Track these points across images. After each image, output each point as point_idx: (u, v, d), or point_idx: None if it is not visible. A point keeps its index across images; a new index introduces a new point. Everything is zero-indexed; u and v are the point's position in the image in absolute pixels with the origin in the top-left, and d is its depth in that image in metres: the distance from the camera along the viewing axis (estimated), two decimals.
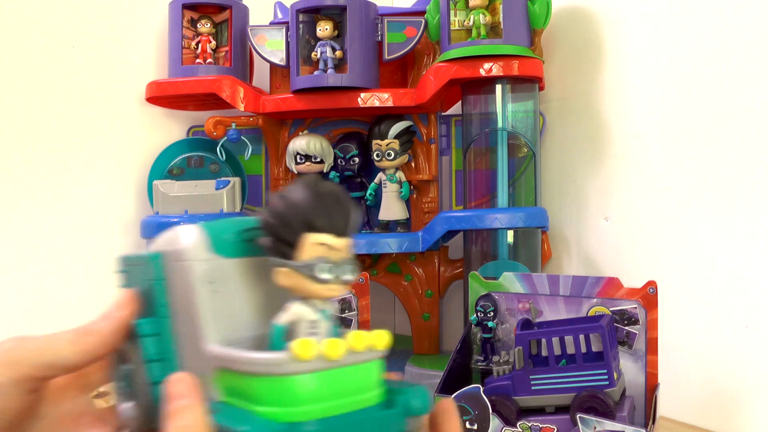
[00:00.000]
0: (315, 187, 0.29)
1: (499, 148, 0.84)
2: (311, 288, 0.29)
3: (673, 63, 0.76)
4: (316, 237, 0.29)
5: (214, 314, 0.31)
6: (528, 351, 0.62)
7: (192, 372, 0.30)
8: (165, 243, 0.32)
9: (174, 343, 0.32)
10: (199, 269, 0.31)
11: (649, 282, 0.63)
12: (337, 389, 0.29)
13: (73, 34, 0.94)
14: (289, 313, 0.30)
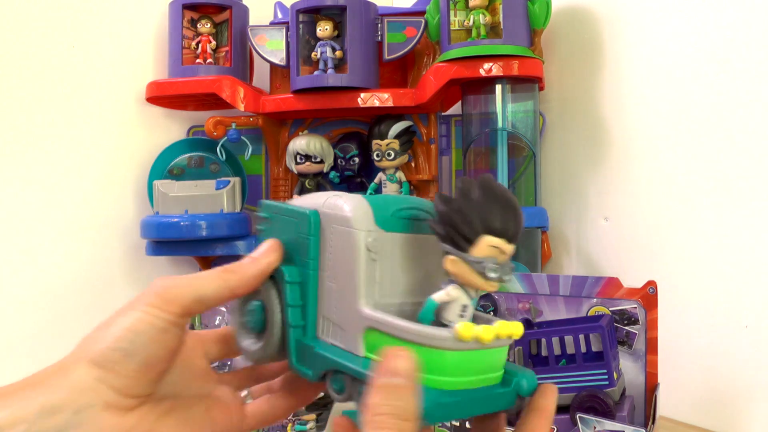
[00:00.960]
0: (497, 192, 0.33)
1: (499, 148, 0.84)
2: (475, 280, 0.33)
3: (672, 63, 0.76)
4: (492, 240, 0.33)
5: (370, 280, 0.35)
6: (528, 351, 0.62)
7: (336, 323, 0.35)
8: (327, 206, 0.36)
9: (315, 295, 0.37)
10: (363, 239, 0.35)
11: (649, 282, 0.63)
12: (476, 367, 0.33)
13: (73, 34, 0.94)
14: (446, 294, 0.34)
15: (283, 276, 0.37)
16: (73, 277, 0.92)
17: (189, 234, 0.86)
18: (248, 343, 0.39)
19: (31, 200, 0.89)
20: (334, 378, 0.35)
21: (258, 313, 0.39)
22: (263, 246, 0.38)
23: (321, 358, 0.36)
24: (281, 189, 0.97)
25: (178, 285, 0.35)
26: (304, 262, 0.37)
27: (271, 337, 0.38)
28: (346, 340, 0.35)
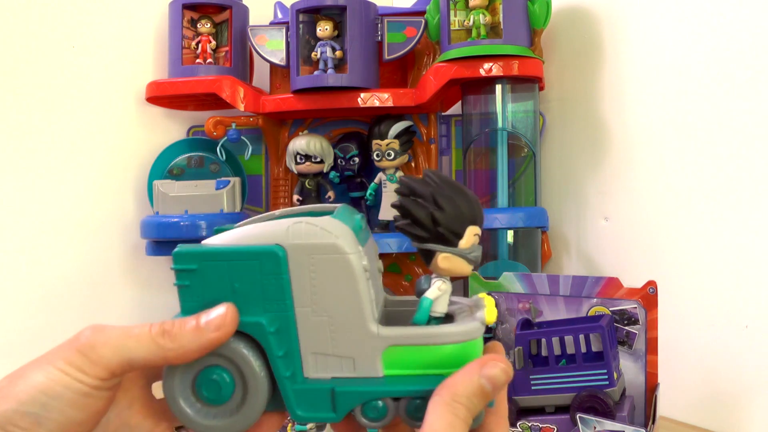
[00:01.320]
0: (456, 183, 0.35)
1: (499, 148, 0.84)
2: (466, 269, 0.35)
3: (673, 63, 0.76)
4: (475, 228, 0.35)
5: (370, 298, 0.34)
6: (528, 351, 0.62)
7: (337, 355, 0.34)
8: (295, 235, 0.33)
9: (297, 336, 0.34)
10: (357, 261, 0.33)
11: (649, 282, 0.63)
12: None
13: (73, 34, 0.94)
14: (438, 289, 0.35)
15: (263, 328, 0.33)
16: (73, 277, 0.92)
17: (189, 234, 0.86)
18: (205, 416, 0.34)
19: (30, 200, 0.89)
20: (367, 408, 0.34)
21: (224, 383, 0.34)
22: (215, 312, 0.32)
23: (346, 394, 0.34)
24: (281, 189, 0.97)
25: (106, 343, 0.31)
26: (276, 306, 0.33)
27: (254, 408, 0.34)
28: (360, 367, 0.34)
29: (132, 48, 0.98)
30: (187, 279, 0.34)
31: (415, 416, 0.33)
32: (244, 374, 0.34)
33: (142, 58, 0.99)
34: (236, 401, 0.34)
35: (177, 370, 0.34)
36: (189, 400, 0.34)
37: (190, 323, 0.32)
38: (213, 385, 0.34)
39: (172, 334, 0.32)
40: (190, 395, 0.34)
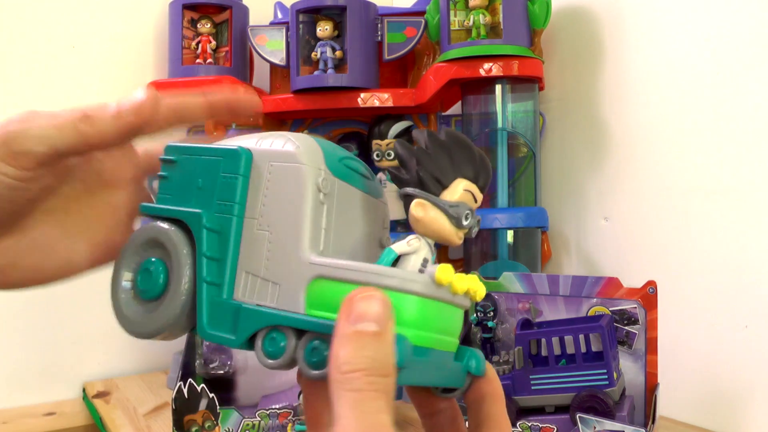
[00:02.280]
0: (467, 140, 0.31)
1: (499, 148, 0.84)
2: (445, 228, 0.30)
3: (673, 62, 0.76)
4: (468, 184, 0.30)
5: (316, 226, 0.30)
6: (528, 351, 0.62)
7: (267, 278, 0.30)
8: (263, 144, 0.32)
9: (238, 247, 0.31)
10: (312, 176, 0.30)
11: (648, 282, 0.63)
12: (441, 324, 0.30)
13: (73, 34, 0.94)
14: (407, 243, 0.30)
15: (200, 220, 0.31)
16: None
17: None
18: (134, 312, 0.33)
19: None
20: (269, 339, 0.29)
21: (157, 271, 0.32)
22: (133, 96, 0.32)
23: (251, 315, 0.30)
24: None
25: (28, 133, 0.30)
26: (225, 207, 0.31)
27: (174, 300, 0.31)
28: (283, 297, 0.29)
29: (132, 48, 0.98)
30: (167, 170, 0.34)
31: (311, 361, 0.28)
32: (172, 260, 0.32)
33: (142, 58, 0.99)
34: (162, 299, 0.32)
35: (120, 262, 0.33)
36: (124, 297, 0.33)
37: (111, 107, 0.32)
38: (146, 275, 0.33)
39: (92, 119, 0.31)
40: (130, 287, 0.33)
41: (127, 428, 0.77)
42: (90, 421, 0.90)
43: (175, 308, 0.31)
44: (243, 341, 0.30)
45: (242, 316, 0.30)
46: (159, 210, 0.33)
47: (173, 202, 0.33)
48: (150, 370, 0.99)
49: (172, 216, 0.32)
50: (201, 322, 0.31)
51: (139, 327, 0.32)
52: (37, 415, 0.89)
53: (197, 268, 0.31)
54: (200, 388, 0.64)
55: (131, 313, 0.33)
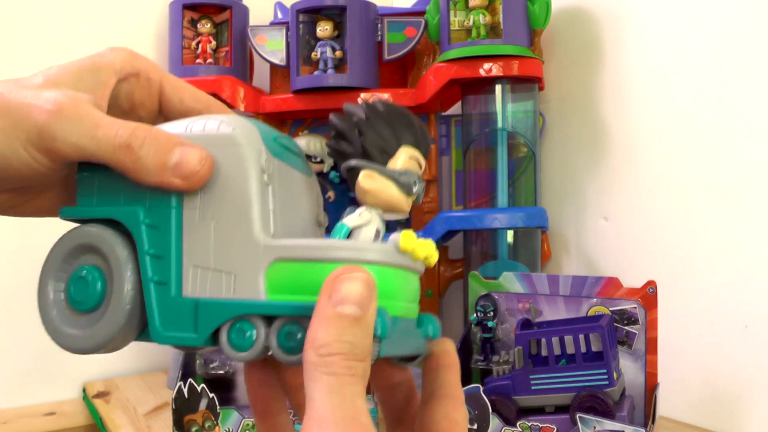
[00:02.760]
0: (401, 109, 0.31)
1: (499, 148, 0.84)
2: (395, 196, 0.29)
3: (673, 62, 0.76)
4: (412, 151, 0.30)
5: (265, 208, 0.29)
6: (528, 351, 0.62)
7: (219, 269, 0.28)
8: (194, 130, 0.30)
9: (180, 241, 0.29)
10: (254, 157, 0.29)
11: (648, 282, 0.63)
12: (406, 291, 0.29)
13: (73, 34, 0.94)
14: (358, 216, 0.29)
15: (137, 217, 0.29)
16: None
17: None
18: (71, 327, 0.30)
19: None
20: (235, 331, 0.28)
21: (93, 279, 0.30)
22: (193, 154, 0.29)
23: (213, 309, 0.28)
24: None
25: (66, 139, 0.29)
26: (161, 201, 0.29)
27: (117, 308, 0.29)
28: (240, 286, 0.28)
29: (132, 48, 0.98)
30: (86, 170, 0.31)
31: (287, 346, 0.27)
32: (112, 271, 0.29)
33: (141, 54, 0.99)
34: (102, 310, 0.30)
35: (47, 275, 0.31)
36: (58, 313, 0.31)
37: (158, 158, 0.29)
38: (81, 284, 0.30)
39: (134, 157, 0.29)
40: (62, 300, 0.31)
41: (127, 428, 0.77)
42: (90, 421, 0.90)
43: (119, 317, 0.29)
44: (206, 338, 0.28)
45: (202, 312, 0.28)
46: (86, 212, 0.31)
47: (99, 203, 0.31)
48: (150, 370, 0.99)
49: (104, 216, 0.30)
50: (153, 325, 0.29)
51: (79, 342, 0.30)
52: (37, 415, 0.89)
53: (141, 268, 0.29)
54: (200, 388, 0.64)
55: (68, 327, 0.30)
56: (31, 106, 0.29)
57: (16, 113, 0.29)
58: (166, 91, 0.35)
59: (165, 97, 0.35)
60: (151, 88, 0.35)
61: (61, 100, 0.29)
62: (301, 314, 0.26)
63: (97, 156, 0.29)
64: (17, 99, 0.30)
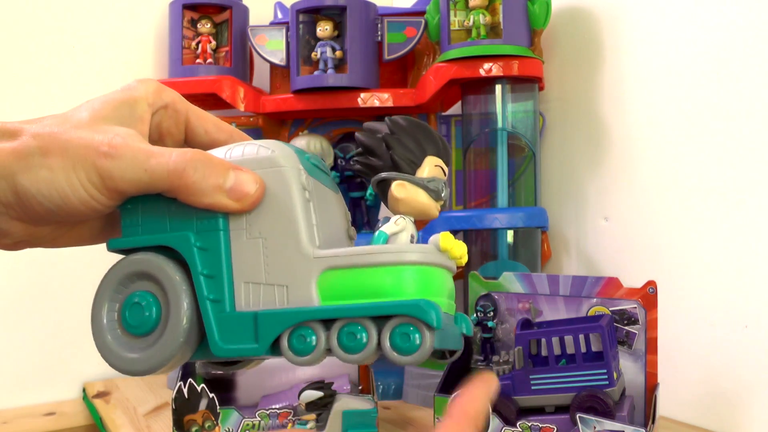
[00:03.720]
0: (418, 122, 0.33)
1: (499, 148, 0.84)
2: (425, 202, 0.32)
3: (673, 63, 0.76)
4: (436, 160, 0.33)
5: (310, 221, 0.31)
6: (528, 351, 0.62)
7: (271, 283, 0.30)
8: (233, 156, 0.32)
9: (230, 261, 0.31)
10: (295, 176, 0.31)
11: (648, 282, 0.63)
12: (445, 289, 0.32)
13: (73, 34, 0.94)
14: (395, 223, 0.32)
15: (189, 240, 0.31)
16: (74, 276, 0.92)
17: None
18: (128, 350, 0.32)
19: None
20: (296, 337, 0.30)
21: (148, 304, 0.31)
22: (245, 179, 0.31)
23: (272, 318, 0.30)
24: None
25: (123, 177, 0.31)
26: (208, 224, 0.31)
27: (175, 331, 0.31)
28: (293, 297, 0.30)
29: (132, 48, 0.98)
30: (129, 201, 0.33)
31: (348, 346, 0.29)
32: (167, 294, 0.31)
33: (142, 58, 0.99)
34: (159, 331, 0.31)
35: (105, 296, 0.33)
36: (114, 332, 0.32)
37: (214, 180, 0.31)
38: (137, 310, 0.32)
39: (189, 181, 0.31)
40: (116, 326, 0.32)
41: (127, 428, 0.77)
42: (90, 421, 0.90)
43: (177, 338, 0.31)
44: (267, 347, 0.30)
45: (262, 322, 0.30)
46: (135, 241, 0.33)
47: (145, 232, 0.32)
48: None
49: (156, 244, 0.32)
50: (213, 340, 0.31)
51: (138, 365, 0.31)
52: (37, 415, 0.89)
53: (196, 288, 0.31)
54: (200, 388, 0.64)
55: (124, 351, 0.32)
56: (88, 148, 0.31)
57: (74, 153, 0.31)
58: (192, 122, 0.37)
59: (190, 127, 0.37)
60: (178, 118, 0.37)
61: (116, 141, 0.31)
62: (359, 315, 0.29)
63: (152, 185, 0.31)
64: (74, 140, 0.31)
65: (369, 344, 0.29)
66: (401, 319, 0.29)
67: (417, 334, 0.29)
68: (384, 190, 0.32)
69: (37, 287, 0.90)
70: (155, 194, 0.32)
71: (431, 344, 0.29)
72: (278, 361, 0.34)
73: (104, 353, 0.32)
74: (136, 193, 0.32)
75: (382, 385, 0.84)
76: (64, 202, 0.31)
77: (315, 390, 0.65)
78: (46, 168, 0.31)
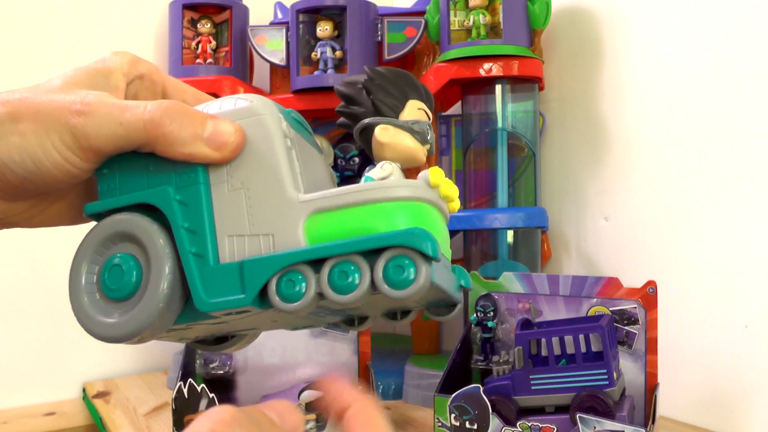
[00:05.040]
0: (399, 70, 0.33)
1: (499, 148, 0.84)
2: (411, 145, 0.31)
3: (673, 63, 0.76)
4: (419, 103, 0.32)
5: (294, 168, 0.30)
6: (528, 351, 0.62)
7: (256, 233, 0.29)
8: (212, 109, 0.31)
9: (212, 214, 0.30)
10: (275, 123, 0.30)
11: (648, 282, 0.63)
12: (441, 230, 0.30)
13: (73, 34, 0.94)
14: (381, 168, 0.31)
15: (167, 195, 0.30)
16: None
17: None
18: (105, 314, 0.30)
19: None
20: (284, 283, 0.28)
21: (129, 267, 0.30)
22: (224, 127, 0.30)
23: (258, 264, 0.28)
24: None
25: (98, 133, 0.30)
26: (188, 178, 0.30)
27: (154, 295, 0.29)
28: (279, 244, 0.29)
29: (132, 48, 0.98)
30: (105, 165, 0.32)
31: (341, 285, 0.27)
32: (149, 257, 0.30)
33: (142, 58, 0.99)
34: (138, 296, 0.30)
35: (85, 257, 0.31)
36: (92, 295, 0.31)
37: (192, 129, 0.30)
38: (117, 273, 0.30)
39: (166, 130, 0.30)
40: (95, 289, 0.31)
41: (127, 428, 0.77)
42: (90, 421, 0.90)
43: (156, 304, 0.29)
44: (254, 296, 0.28)
45: (248, 270, 0.28)
46: (112, 203, 0.32)
47: (123, 193, 0.31)
48: (150, 370, 0.99)
49: (133, 202, 0.31)
50: (198, 295, 0.29)
51: (113, 330, 0.30)
52: (37, 415, 0.89)
53: (177, 242, 0.29)
54: (200, 388, 0.64)
55: (101, 315, 0.30)
56: (60, 109, 0.30)
57: (45, 117, 0.30)
58: (169, 93, 0.36)
59: (167, 98, 0.36)
60: (155, 89, 0.36)
61: (88, 98, 0.30)
62: (350, 251, 0.27)
63: (128, 140, 0.30)
64: (45, 102, 0.30)
65: (362, 282, 0.27)
66: (394, 251, 0.27)
67: (412, 267, 0.27)
68: (368, 139, 0.32)
69: (37, 287, 0.90)
70: (132, 155, 0.31)
71: (427, 276, 0.27)
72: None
73: (80, 317, 0.31)
74: (112, 151, 0.31)
75: (382, 385, 0.84)
76: (37, 168, 0.30)
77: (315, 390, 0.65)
78: (17, 134, 0.30)
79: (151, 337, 0.30)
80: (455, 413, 0.62)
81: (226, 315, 0.30)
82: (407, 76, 0.33)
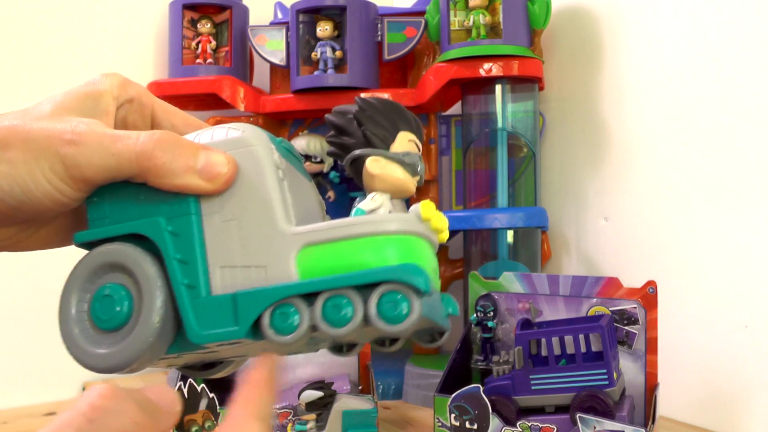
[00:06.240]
0: (389, 101, 0.33)
1: (499, 148, 0.84)
2: (402, 177, 0.31)
3: (672, 63, 0.76)
4: (409, 135, 0.32)
5: (285, 200, 0.30)
6: (528, 351, 0.62)
7: (248, 265, 0.29)
8: (202, 138, 0.31)
9: (203, 245, 0.30)
10: (267, 155, 0.30)
11: (648, 282, 0.63)
12: (430, 262, 0.30)
13: (74, 35, 0.94)
14: (371, 200, 0.31)
15: (158, 226, 0.30)
16: None
17: None
18: (96, 345, 0.30)
19: None
20: (278, 315, 0.28)
21: (119, 297, 0.30)
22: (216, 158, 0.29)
23: (252, 297, 0.28)
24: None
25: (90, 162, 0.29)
26: (179, 208, 0.30)
27: (147, 325, 0.29)
28: (271, 277, 0.29)
29: (132, 48, 0.98)
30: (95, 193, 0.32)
31: (334, 319, 0.28)
32: (140, 288, 0.29)
33: (142, 58, 0.99)
34: (130, 327, 0.30)
35: (75, 287, 0.31)
36: (83, 324, 0.31)
37: (184, 161, 0.29)
38: (108, 303, 0.30)
39: (158, 162, 0.29)
40: (85, 318, 0.31)
41: None
42: None
43: (148, 336, 0.29)
44: (248, 329, 0.29)
45: (242, 302, 0.29)
46: (102, 232, 0.31)
47: (113, 222, 0.31)
48: (150, 370, 0.99)
49: (124, 232, 0.31)
50: (191, 327, 0.29)
51: (103, 361, 0.30)
52: (37, 415, 0.89)
53: (170, 274, 0.29)
54: (200, 388, 0.64)
55: (91, 346, 0.30)
56: (50, 138, 0.30)
57: (35, 146, 0.30)
58: (158, 116, 0.36)
59: (156, 121, 0.36)
60: (144, 112, 0.36)
61: (80, 128, 0.30)
62: (342, 285, 0.28)
63: (120, 170, 0.30)
64: (35, 130, 0.30)
65: (355, 316, 0.27)
66: (387, 286, 0.27)
67: (405, 302, 0.27)
68: (359, 170, 0.32)
69: (36, 287, 0.90)
70: (122, 184, 0.31)
71: (420, 311, 0.27)
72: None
73: (70, 346, 0.31)
74: (103, 181, 0.30)
75: (382, 385, 0.84)
76: (27, 197, 0.30)
77: (315, 390, 0.65)
78: (5, 162, 0.29)
79: (142, 367, 0.30)
80: (455, 413, 0.62)
81: (218, 345, 0.30)
82: (398, 107, 0.33)
